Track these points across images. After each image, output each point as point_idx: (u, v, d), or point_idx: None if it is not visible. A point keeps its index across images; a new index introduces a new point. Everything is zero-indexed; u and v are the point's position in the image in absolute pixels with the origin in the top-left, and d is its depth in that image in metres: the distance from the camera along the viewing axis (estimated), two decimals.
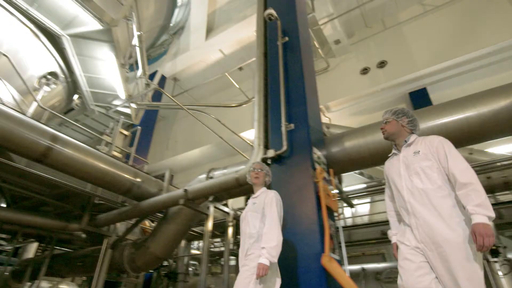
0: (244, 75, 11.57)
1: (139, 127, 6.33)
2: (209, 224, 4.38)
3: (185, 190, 4.13)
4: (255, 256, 2.43)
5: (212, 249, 8.57)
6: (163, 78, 11.62)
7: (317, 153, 3.35)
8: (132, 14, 6.37)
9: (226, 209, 5.06)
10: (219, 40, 10.26)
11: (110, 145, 5.63)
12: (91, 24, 5.45)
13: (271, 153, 3.34)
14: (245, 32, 9.74)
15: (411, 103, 8.84)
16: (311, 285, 2.54)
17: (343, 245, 3.40)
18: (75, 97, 7.14)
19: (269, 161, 3.47)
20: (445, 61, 8.04)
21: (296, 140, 3.38)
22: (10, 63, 4.73)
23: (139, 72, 7.46)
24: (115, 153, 5.95)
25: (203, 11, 9.74)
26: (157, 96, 10.81)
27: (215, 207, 4.57)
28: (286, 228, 2.87)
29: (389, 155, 2.28)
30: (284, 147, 3.27)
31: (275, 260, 2.37)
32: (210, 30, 10.51)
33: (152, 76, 9.30)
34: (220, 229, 6.47)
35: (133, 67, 7.39)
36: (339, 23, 9.19)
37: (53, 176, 4.67)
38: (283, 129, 3.40)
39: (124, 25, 6.38)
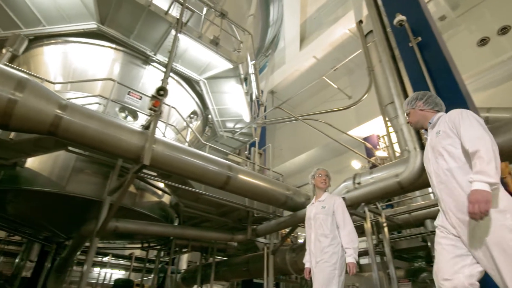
0: (339, 74, 11.64)
1: (269, 145, 7.11)
2: (369, 225, 4.71)
3: (343, 198, 4.53)
4: (331, 253, 2.90)
5: None
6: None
7: None
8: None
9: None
10: (312, 47, 10.60)
11: (253, 164, 6.46)
12: (221, 65, 6.44)
13: None
14: (337, 33, 9.85)
15: None
16: None
17: None
18: (206, 128, 8.41)
19: None
20: None
21: None
22: (178, 113, 5.95)
23: (254, 95, 8.31)
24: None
25: (295, 25, 10.24)
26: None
27: (369, 210, 4.86)
28: None
29: (423, 141, 2.21)
30: None
31: (357, 258, 2.86)
32: (302, 40, 10.96)
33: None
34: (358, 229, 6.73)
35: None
36: None
37: (221, 197, 5.65)
38: None
39: None
